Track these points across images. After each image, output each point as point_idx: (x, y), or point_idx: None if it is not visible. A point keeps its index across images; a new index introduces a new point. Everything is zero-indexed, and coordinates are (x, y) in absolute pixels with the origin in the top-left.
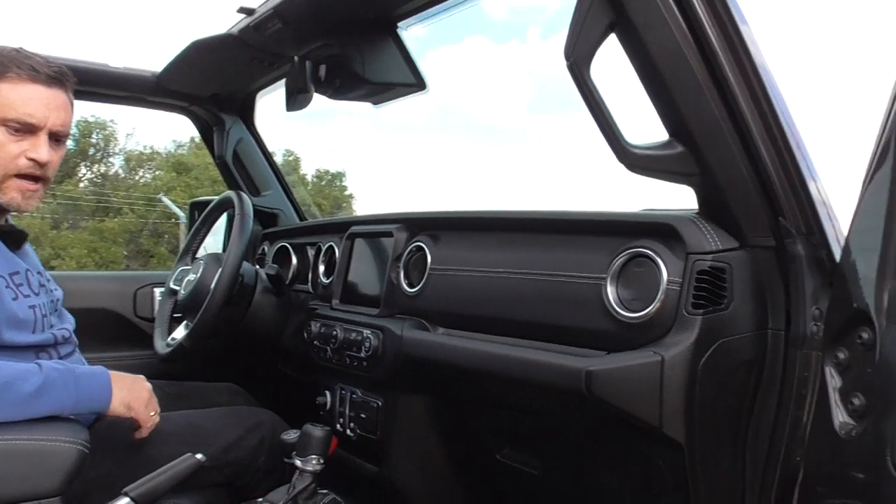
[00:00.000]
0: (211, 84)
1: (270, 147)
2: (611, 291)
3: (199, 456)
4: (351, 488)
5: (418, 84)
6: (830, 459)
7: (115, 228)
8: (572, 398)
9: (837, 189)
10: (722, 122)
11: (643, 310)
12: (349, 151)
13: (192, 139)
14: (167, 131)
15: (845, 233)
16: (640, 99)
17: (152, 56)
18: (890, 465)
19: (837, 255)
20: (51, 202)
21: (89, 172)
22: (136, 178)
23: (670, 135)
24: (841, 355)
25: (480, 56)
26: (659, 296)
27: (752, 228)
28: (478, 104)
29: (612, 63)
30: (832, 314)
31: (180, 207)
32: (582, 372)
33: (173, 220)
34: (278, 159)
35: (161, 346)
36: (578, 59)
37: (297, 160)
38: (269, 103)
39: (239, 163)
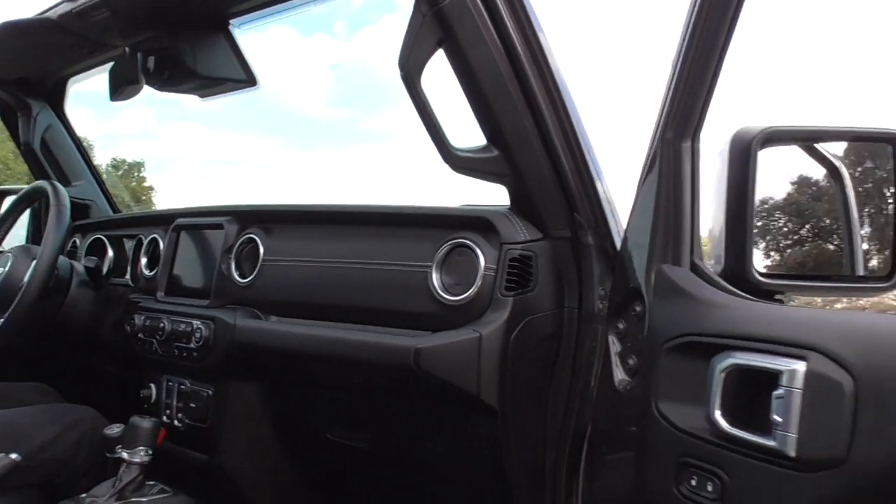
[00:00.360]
0: (19, 67)
1: None
2: (436, 278)
3: (13, 456)
4: (180, 478)
5: (249, 80)
6: (611, 412)
7: None
8: (401, 374)
9: (619, 189)
10: (529, 131)
11: (464, 293)
12: (147, 142)
13: None
14: None
15: (624, 226)
16: (463, 107)
17: None
18: (654, 408)
19: (618, 245)
20: None
21: None
22: None
23: (488, 140)
24: (620, 325)
25: (286, 47)
26: (477, 281)
27: (552, 222)
28: (282, 95)
29: (441, 74)
30: (614, 292)
31: None
32: (411, 349)
33: None
34: None
35: None
36: (411, 71)
37: (90, 146)
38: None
39: (47, 151)
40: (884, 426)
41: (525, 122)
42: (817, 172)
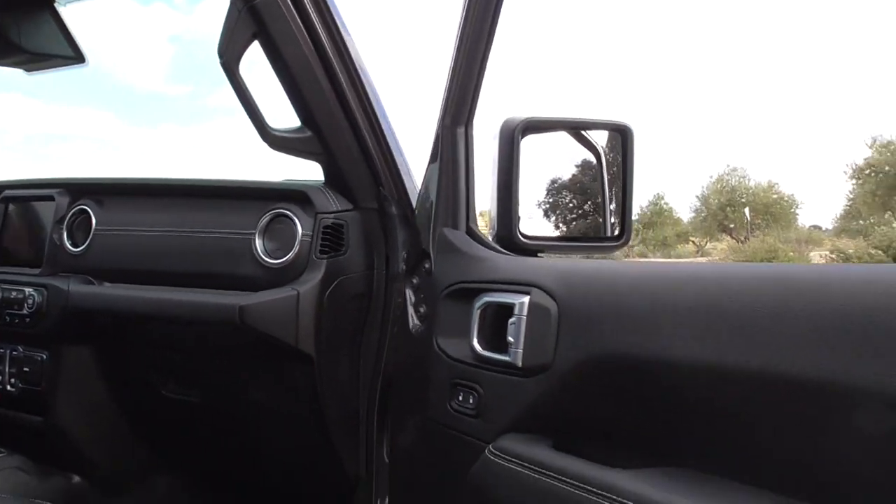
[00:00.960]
0: None
1: None
2: (258, 244)
3: None
4: (14, 441)
5: (77, 57)
6: (408, 354)
7: None
8: (228, 330)
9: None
10: (337, 116)
11: (284, 257)
12: None
13: None
14: None
15: None
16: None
17: None
18: (435, 344)
19: None
20: None
21: None
22: None
23: (301, 122)
24: (415, 281)
25: (122, 16)
26: (295, 246)
27: (361, 195)
28: (117, 67)
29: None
30: (410, 253)
31: None
32: (236, 307)
33: None
34: None
35: None
36: (229, 59)
37: None
38: None
39: None
40: (575, 337)
41: (333, 108)
42: (590, 156)
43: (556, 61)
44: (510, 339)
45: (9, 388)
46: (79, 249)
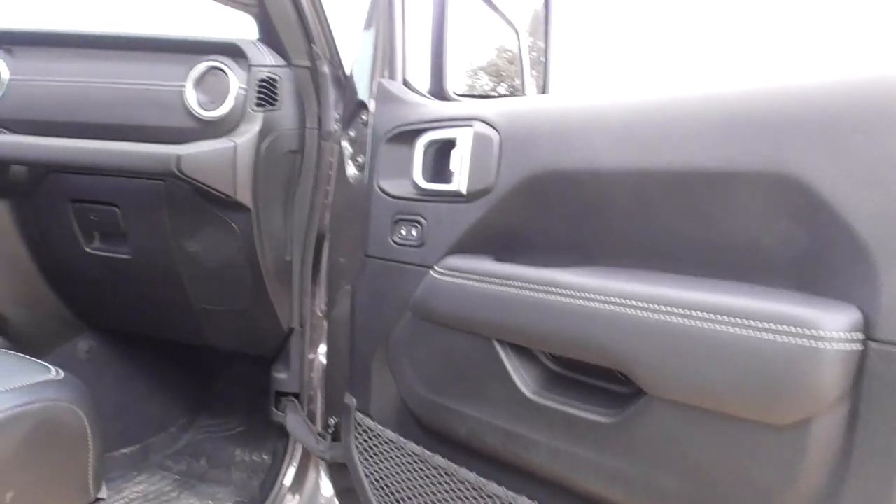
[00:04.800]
0: None
1: None
2: (191, 95)
3: None
4: None
5: None
6: (346, 200)
7: None
8: (158, 182)
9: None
10: None
11: (218, 109)
12: None
13: None
14: None
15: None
16: None
17: None
18: (376, 186)
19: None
20: None
21: None
22: None
23: None
24: (352, 133)
25: None
26: (230, 98)
27: (294, 51)
28: None
29: None
30: (346, 107)
31: None
32: (174, 156)
33: None
34: None
35: None
36: None
37: None
38: None
39: None
40: (515, 160)
41: None
42: (510, 38)
43: None
44: (453, 169)
45: None
46: None
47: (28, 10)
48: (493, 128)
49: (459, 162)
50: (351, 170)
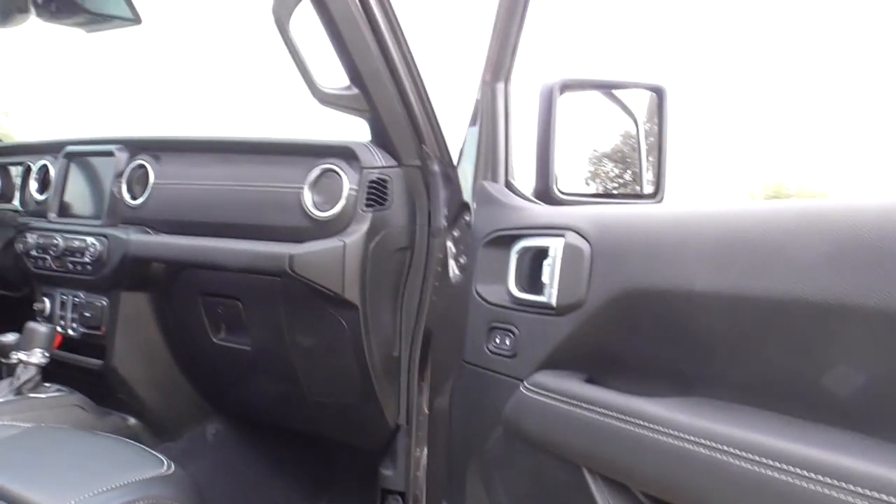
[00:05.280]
0: None
1: None
2: (308, 197)
3: None
4: (76, 382)
5: (134, 18)
6: (448, 302)
7: None
8: (276, 279)
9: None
10: (382, 73)
11: (331, 210)
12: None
13: None
14: None
15: None
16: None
17: None
18: (474, 291)
19: None
20: None
21: None
22: None
23: (349, 80)
24: (456, 233)
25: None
26: (342, 199)
27: (405, 152)
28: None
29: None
30: (451, 207)
31: None
32: (286, 256)
33: None
34: None
35: None
36: (281, 16)
37: None
38: None
39: None
40: (606, 275)
41: (378, 65)
42: (625, 119)
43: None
44: (545, 280)
45: (71, 332)
46: (137, 202)
47: (174, 120)
48: (585, 238)
49: (551, 273)
50: (454, 271)
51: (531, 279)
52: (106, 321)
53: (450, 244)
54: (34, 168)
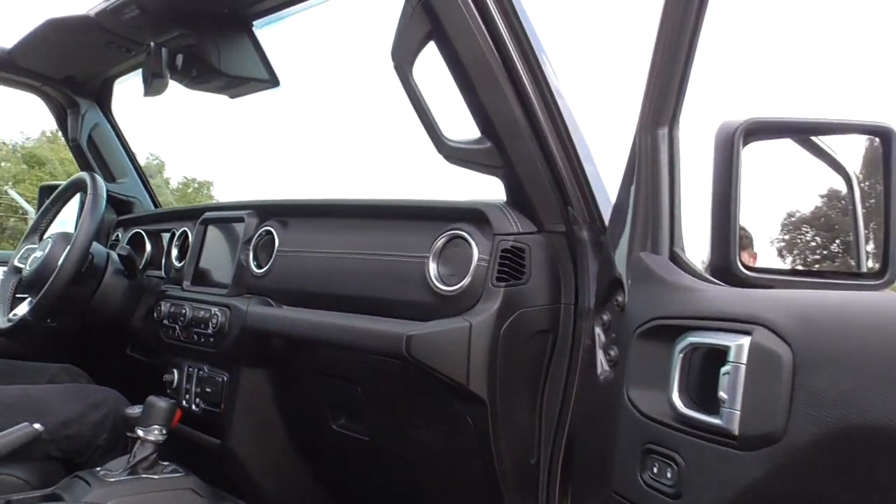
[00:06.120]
0: (66, 65)
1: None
2: (432, 268)
3: (36, 426)
4: (192, 461)
5: (272, 80)
6: (593, 405)
7: None
8: (395, 362)
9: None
10: (520, 123)
11: (457, 284)
12: (217, 162)
13: (44, 132)
14: (14, 121)
15: None
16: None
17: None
18: (625, 396)
19: None
20: None
21: None
22: None
23: (481, 132)
24: (605, 317)
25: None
26: (470, 271)
27: (546, 215)
28: (339, 102)
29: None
30: (600, 284)
31: (29, 202)
32: (403, 336)
33: (20, 213)
34: (142, 161)
35: (1, 321)
36: (402, 61)
37: (161, 164)
38: (131, 99)
39: (94, 148)
40: (819, 397)
41: (515, 114)
42: (830, 175)
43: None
44: (723, 395)
45: (194, 407)
46: (262, 271)
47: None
48: (783, 339)
49: (732, 385)
50: (602, 366)
51: (703, 390)
52: (226, 399)
53: (598, 330)
54: (176, 234)
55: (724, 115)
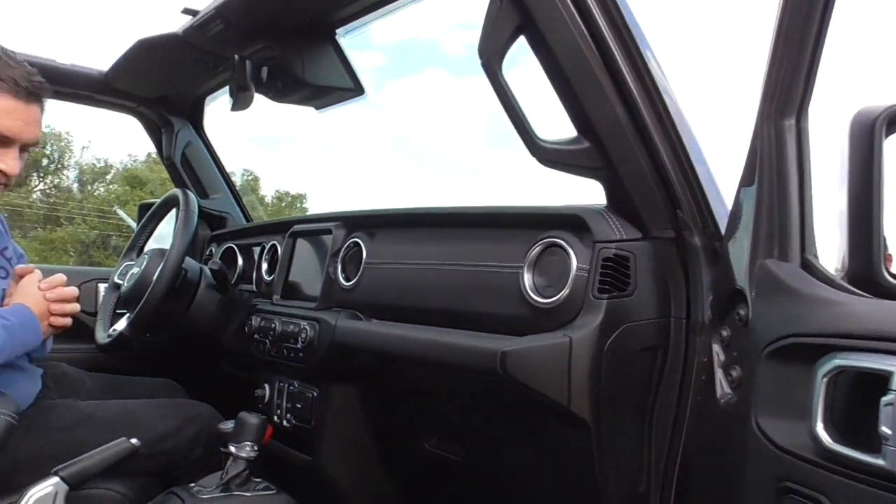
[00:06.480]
0: (158, 85)
1: (230, 167)
2: (527, 279)
3: (133, 441)
4: (284, 478)
5: (356, 89)
6: (712, 431)
7: (66, 238)
8: (488, 379)
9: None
10: (622, 119)
11: (555, 295)
12: (308, 177)
13: (149, 154)
14: (123, 144)
15: None
16: (552, 97)
17: (100, 55)
18: (753, 424)
19: None
20: None
21: (42, 184)
22: (90, 190)
23: (577, 131)
24: (724, 333)
25: (439, 88)
26: (569, 282)
27: (653, 220)
28: (434, 136)
29: (528, 63)
30: (717, 296)
31: (134, 220)
32: (497, 352)
33: (126, 231)
34: (237, 179)
35: (102, 336)
36: (490, 58)
37: (256, 180)
38: (223, 120)
39: (187, 165)
40: None
41: (616, 110)
42: None
43: None
44: (885, 430)
45: (285, 423)
46: (350, 283)
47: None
48: None
49: (895, 418)
50: (723, 387)
51: (855, 422)
52: (316, 415)
53: (716, 347)
54: (266, 248)
55: (859, 102)
